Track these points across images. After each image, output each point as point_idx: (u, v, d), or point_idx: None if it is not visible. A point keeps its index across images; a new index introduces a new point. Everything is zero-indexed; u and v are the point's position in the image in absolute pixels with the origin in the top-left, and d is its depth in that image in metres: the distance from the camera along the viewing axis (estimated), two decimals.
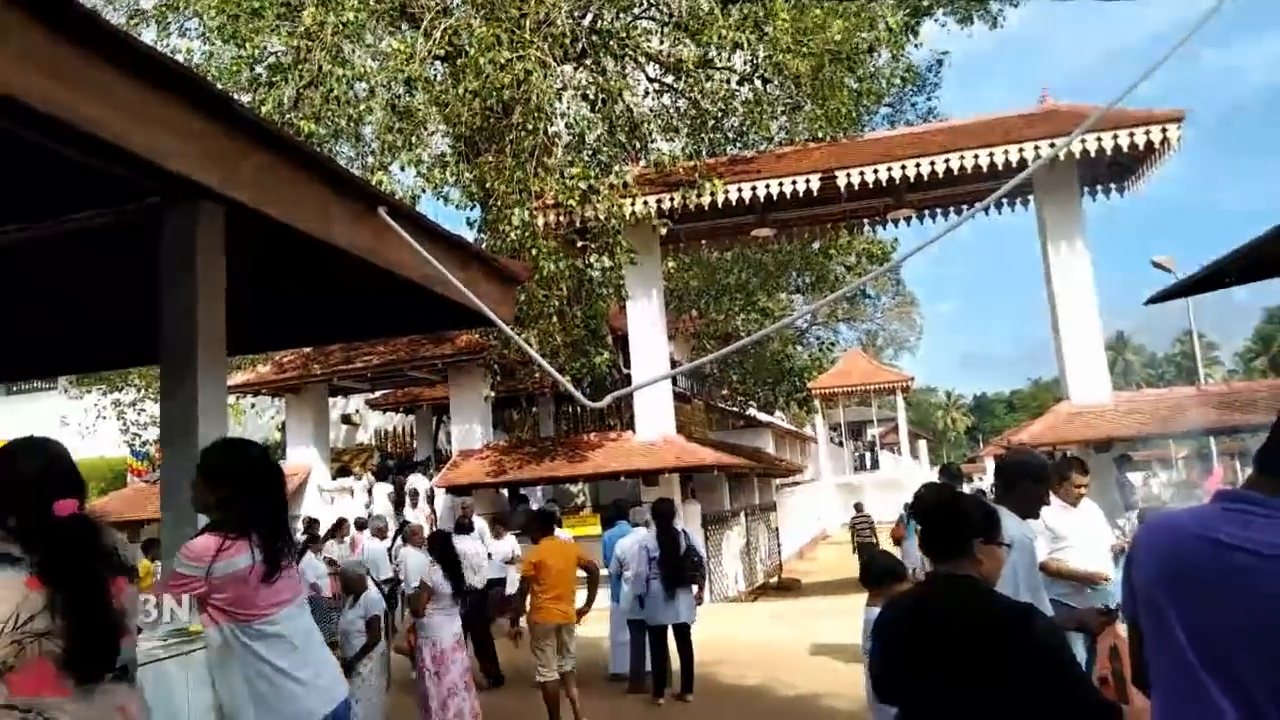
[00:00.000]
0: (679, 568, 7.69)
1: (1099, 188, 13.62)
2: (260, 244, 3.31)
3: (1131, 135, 11.50)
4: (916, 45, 14.20)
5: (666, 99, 14.64)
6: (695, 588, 7.96)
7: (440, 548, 6.51)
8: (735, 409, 25.20)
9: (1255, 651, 1.53)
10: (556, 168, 12.13)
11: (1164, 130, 11.50)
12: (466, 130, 12.57)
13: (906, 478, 25.92)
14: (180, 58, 13.45)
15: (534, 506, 13.83)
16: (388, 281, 3.38)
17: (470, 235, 13.78)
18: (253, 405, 18.15)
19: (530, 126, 11.55)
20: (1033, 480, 3.61)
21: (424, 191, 12.34)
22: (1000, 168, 11.73)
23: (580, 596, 7.09)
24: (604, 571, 8.89)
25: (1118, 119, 11.50)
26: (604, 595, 9.18)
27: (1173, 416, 11.97)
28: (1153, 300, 3.03)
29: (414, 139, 12.11)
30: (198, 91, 2.27)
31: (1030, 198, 13.61)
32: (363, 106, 12.14)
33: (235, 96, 11.26)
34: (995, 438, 35.01)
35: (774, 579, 17.49)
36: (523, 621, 6.94)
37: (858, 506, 18.38)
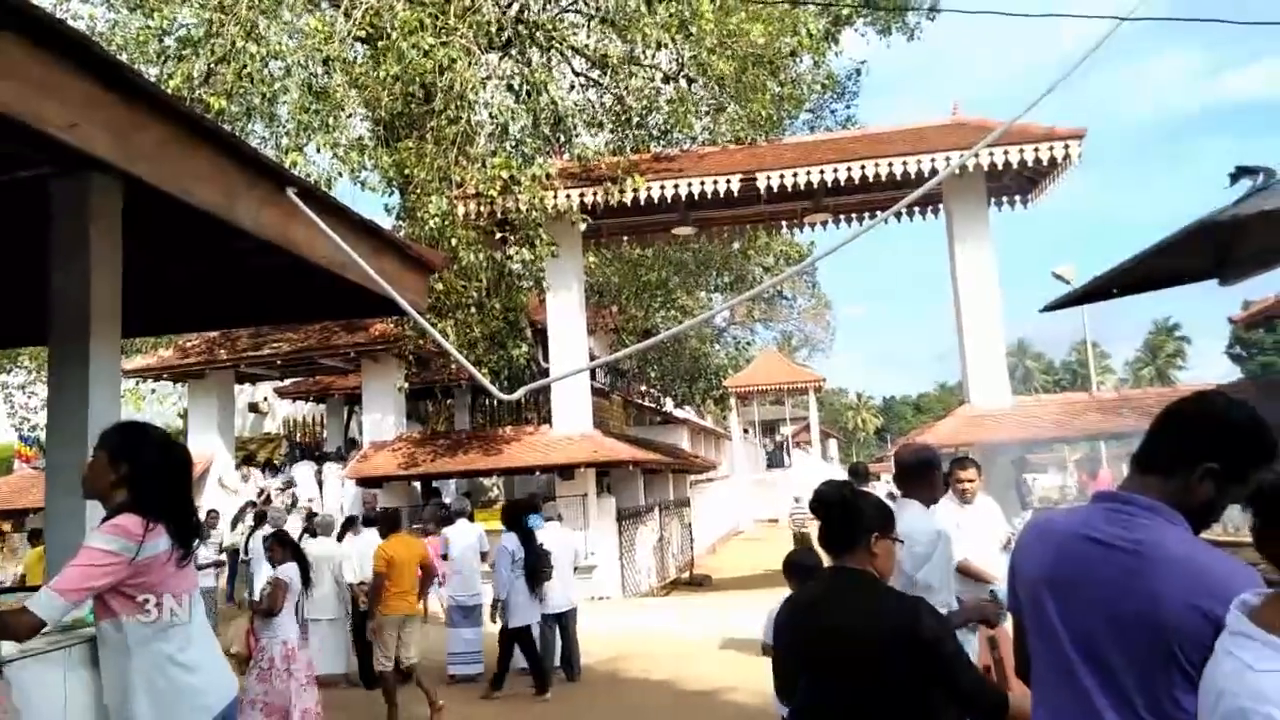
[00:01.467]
0: (539, 567, 7.80)
1: (1005, 199, 14.16)
2: (161, 221, 3.18)
3: (1036, 150, 11.99)
4: (837, 53, 14.57)
5: (592, 93, 14.61)
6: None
7: (292, 544, 6.37)
8: (653, 405, 25.36)
9: (1124, 643, 1.62)
10: (478, 157, 12.00)
11: (1066, 146, 12.02)
12: (386, 115, 12.32)
13: (817, 475, 26.54)
14: (82, 25, 12.80)
15: (447, 500, 13.66)
16: (297, 265, 3.29)
17: (388, 222, 13.52)
18: (153, 391, 17.43)
19: (453, 114, 11.38)
20: (929, 467, 3.89)
21: (341, 175, 12.06)
22: (913, 176, 12.08)
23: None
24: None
25: (1023, 134, 11.98)
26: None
27: (1067, 421, 12.55)
28: (1047, 308, 3.20)
29: (331, 121, 11.79)
30: (92, 58, 2.16)
31: (941, 207, 14.06)
32: (277, 85, 11.77)
33: (143, 69, 10.78)
34: (902, 438, 36.08)
35: (686, 574, 17.67)
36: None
37: (796, 499, 18.94)
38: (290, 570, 5.97)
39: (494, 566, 7.94)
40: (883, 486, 16.93)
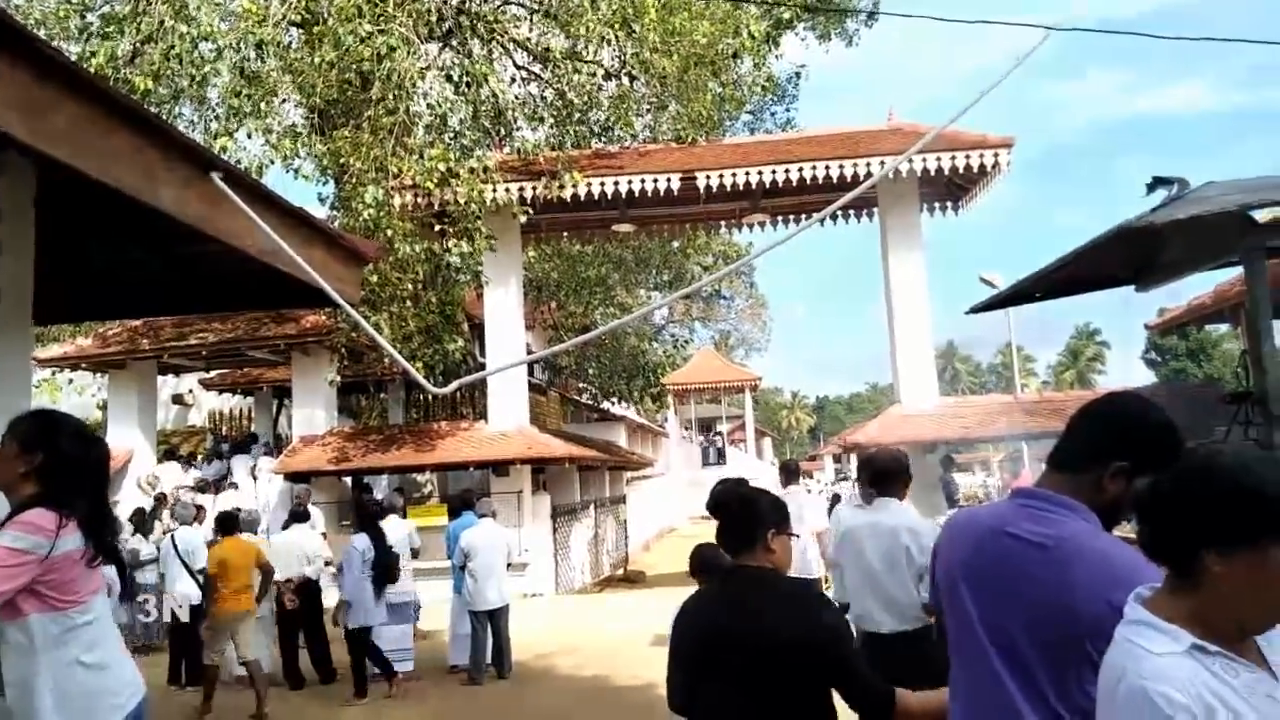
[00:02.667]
0: (389, 568, 7.76)
1: (938, 205, 14.51)
2: (78, 203, 3.06)
3: (967, 157, 12.32)
4: (777, 56, 14.69)
5: (533, 87, 14.50)
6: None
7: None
8: (590, 402, 25.32)
9: (1037, 634, 1.66)
10: (416, 148, 11.79)
11: (996, 154, 12.38)
12: (321, 102, 12.04)
13: (751, 473, 26.82)
14: None
15: (379, 495, 13.43)
16: (224, 253, 3.19)
17: (322, 212, 13.22)
18: (71, 381, 16.70)
19: (390, 104, 11.19)
20: (903, 470, 4.31)
21: (273, 162, 11.75)
22: (848, 179, 12.29)
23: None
24: (448, 562, 8.78)
25: (955, 141, 12.30)
26: (445, 586, 9.07)
27: (991, 422, 12.93)
28: (973, 310, 3.29)
29: (264, 106, 11.48)
30: (1, 31, 2.06)
31: (876, 211, 14.33)
32: (208, 68, 11.40)
33: (62, 46, 10.34)
34: (834, 437, 36.72)
35: (621, 571, 17.70)
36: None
37: None
38: (109, 570, 5.86)
39: (341, 568, 7.81)
40: (814, 484, 17.19)
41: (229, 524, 7.70)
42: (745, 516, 2.51)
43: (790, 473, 8.15)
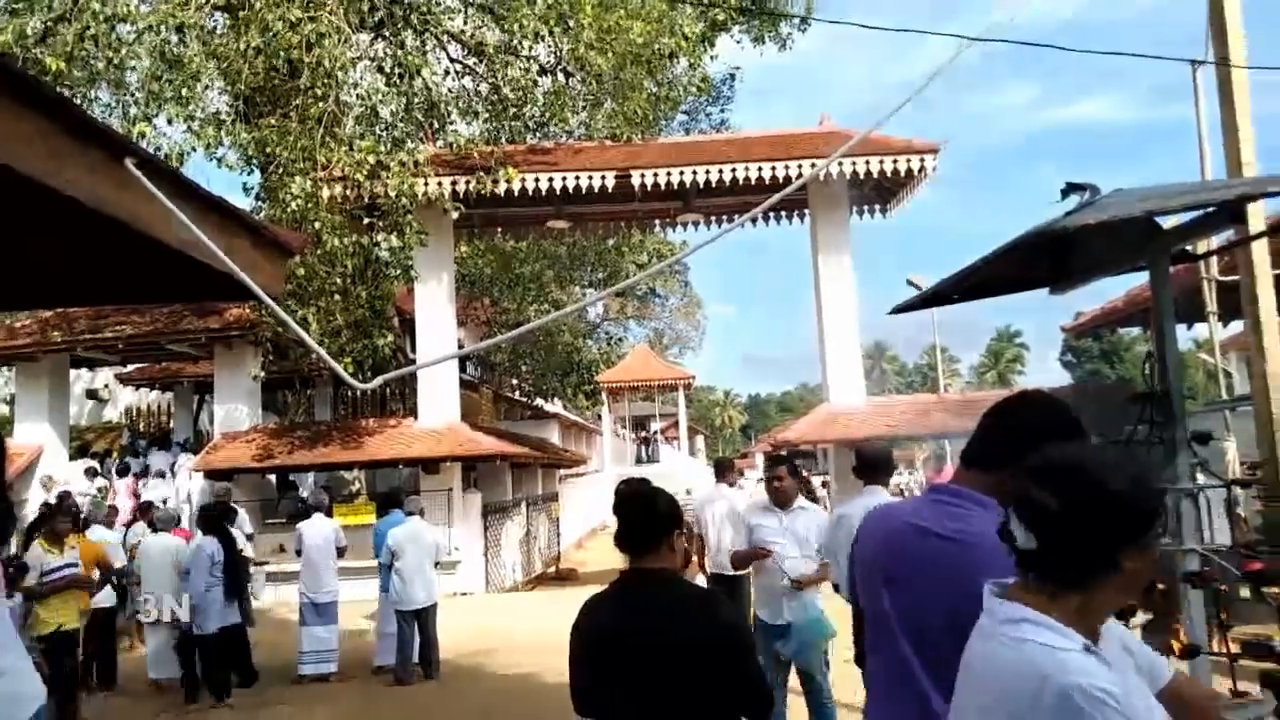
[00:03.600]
0: (239, 572, 7.72)
1: (866, 208, 14.81)
2: None
3: (895, 161, 12.60)
4: (712, 57, 14.77)
5: (467, 81, 14.31)
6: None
7: None
8: (524, 400, 25.15)
9: (947, 626, 1.70)
10: (346, 139, 11.54)
11: (922, 159, 12.70)
12: (247, 89, 11.68)
13: (683, 470, 26.96)
14: None
15: (304, 494, 13.15)
16: (140, 243, 3.07)
17: (247, 203, 12.86)
18: None
19: (319, 93, 10.93)
20: (890, 463, 4.84)
21: (195, 150, 11.35)
22: (780, 180, 12.47)
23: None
24: (375, 561, 8.63)
25: (884, 146, 12.57)
26: (373, 586, 8.92)
27: (917, 420, 13.26)
28: (895, 310, 3.38)
29: (185, 92, 11.09)
30: None
31: (807, 213, 14.56)
32: (125, 50, 10.97)
33: None
34: (765, 435, 37.19)
35: (552, 568, 17.64)
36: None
37: (688, 491, 19.00)
38: None
39: (188, 572, 7.63)
40: (748, 481, 17.39)
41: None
42: (650, 518, 2.51)
43: (723, 469, 8.19)
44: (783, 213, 14.92)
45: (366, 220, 12.47)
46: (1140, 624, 3.14)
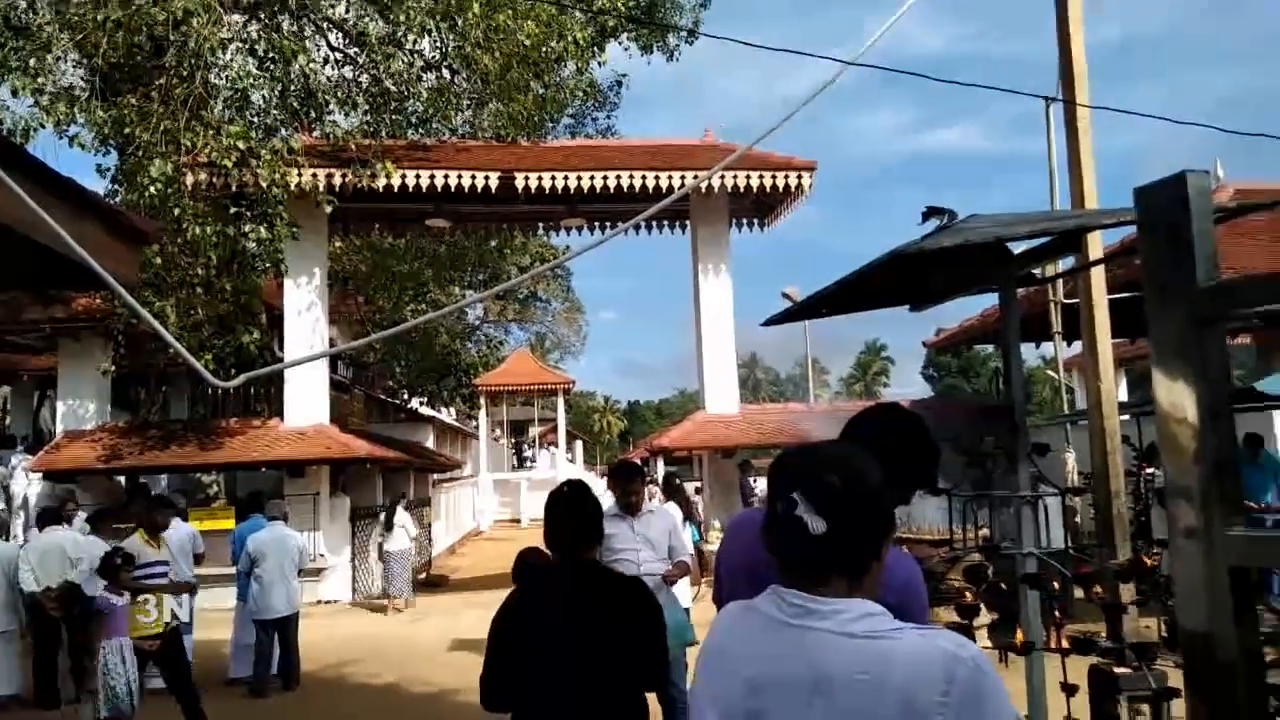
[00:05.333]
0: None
1: (746, 221, 15.18)
2: None
3: (774, 177, 12.97)
4: (600, 63, 14.83)
5: (347, 71, 13.86)
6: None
7: None
8: (398, 402, 24.51)
9: None
10: (213, 123, 10.97)
11: (800, 176, 13.11)
12: (105, 64, 10.96)
13: (559, 475, 26.97)
14: None
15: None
16: None
17: (102, 185, 12.08)
18: None
19: (186, 73, 10.37)
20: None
21: (44, 126, 10.56)
22: (664, 189, 12.64)
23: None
24: (233, 568, 8.25)
25: (764, 161, 12.92)
26: (230, 594, 8.52)
27: (787, 427, 13.67)
28: (767, 322, 3.49)
29: (34, 63, 10.32)
30: None
31: (689, 223, 14.80)
32: None
33: None
34: (643, 441, 37.53)
35: (423, 575, 17.23)
36: None
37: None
38: None
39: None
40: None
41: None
42: (592, 516, 2.79)
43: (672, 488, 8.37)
44: (665, 222, 15.13)
45: (234, 210, 11.91)
46: (985, 624, 3.35)
